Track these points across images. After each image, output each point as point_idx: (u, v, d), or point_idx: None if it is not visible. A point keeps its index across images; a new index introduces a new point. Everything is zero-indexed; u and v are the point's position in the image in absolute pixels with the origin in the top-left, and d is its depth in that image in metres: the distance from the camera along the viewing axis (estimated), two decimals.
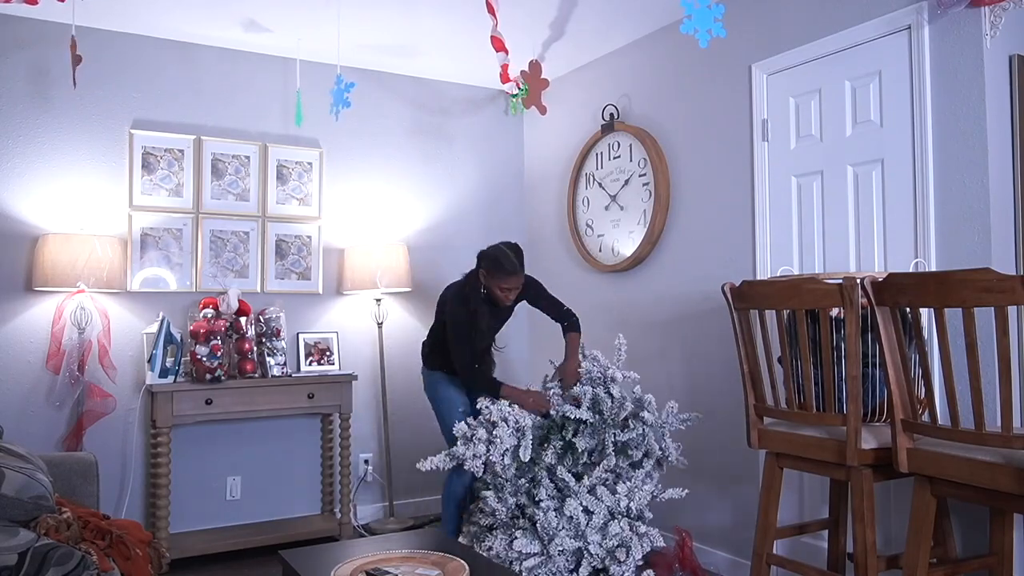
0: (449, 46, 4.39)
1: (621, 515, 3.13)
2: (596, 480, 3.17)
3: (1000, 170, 2.75)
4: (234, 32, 4.13)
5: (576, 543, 3.05)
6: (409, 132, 4.87)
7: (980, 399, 2.10)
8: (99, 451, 3.57)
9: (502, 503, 3.20)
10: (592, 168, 4.56)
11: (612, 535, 3.06)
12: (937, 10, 2.84)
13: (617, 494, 3.16)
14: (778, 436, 2.74)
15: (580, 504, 3.09)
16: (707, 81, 3.83)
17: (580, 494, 3.12)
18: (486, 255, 3.56)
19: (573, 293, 4.74)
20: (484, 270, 3.55)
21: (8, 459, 2.45)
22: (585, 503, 3.10)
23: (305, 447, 4.47)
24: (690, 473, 3.83)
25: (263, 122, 4.44)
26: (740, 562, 3.55)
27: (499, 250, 3.55)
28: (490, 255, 3.54)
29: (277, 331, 4.19)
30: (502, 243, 3.61)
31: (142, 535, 2.66)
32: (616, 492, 3.17)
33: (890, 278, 2.28)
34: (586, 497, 3.11)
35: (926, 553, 2.31)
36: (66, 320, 3.82)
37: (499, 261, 3.50)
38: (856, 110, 3.17)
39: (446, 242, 4.95)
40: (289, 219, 4.47)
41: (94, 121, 4.03)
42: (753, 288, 2.73)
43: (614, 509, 3.13)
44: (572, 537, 3.05)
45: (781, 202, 3.47)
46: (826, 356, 2.50)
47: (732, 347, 3.31)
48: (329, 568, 2.45)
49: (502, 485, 3.23)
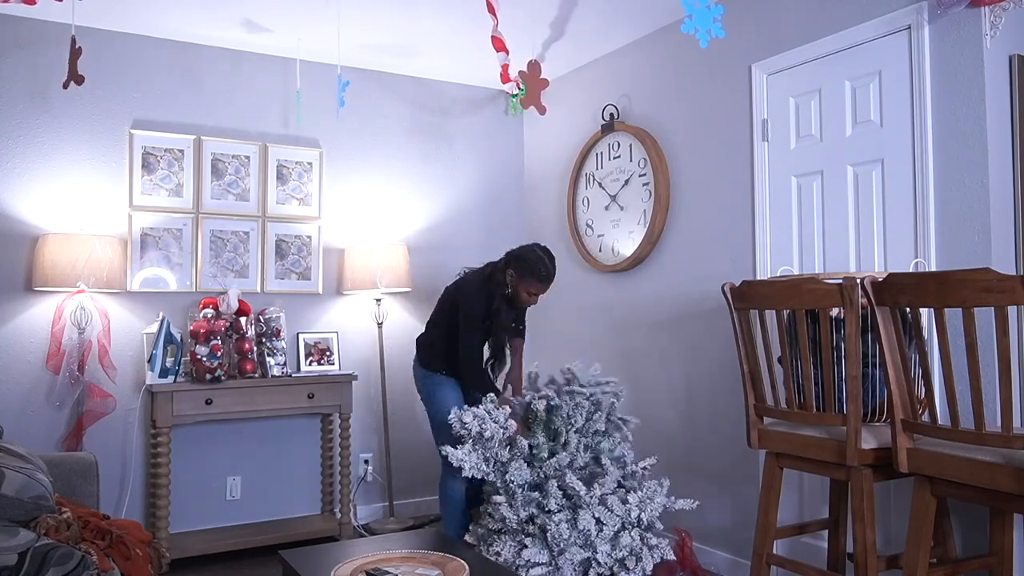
0: (449, 46, 4.39)
1: (632, 526, 3.10)
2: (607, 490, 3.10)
3: (1000, 170, 2.75)
4: (234, 32, 4.13)
5: (585, 553, 3.02)
6: (409, 132, 4.87)
7: (980, 399, 2.10)
8: (99, 451, 3.57)
9: (513, 511, 3.11)
10: (592, 168, 4.56)
11: (623, 546, 3.03)
12: (937, 10, 2.84)
13: (628, 504, 3.10)
14: (778, 436, 2.74)
15: (592, 516, 3.04)
16: (707, 81, 3.83)
17: (592, 505, 3.05)
18: (519, 257, 3.46)
19: (573, 293, 4.75)
20: (514, 271, 3.45)
21: (8, 459, 2.45)
22: (597, 514, 3.05)
23: (305, 447, 4.47)
24: (690, 473, 3.83)
25: (263, 122, 4.44)
26: (740, 562, 3.55)
27: (534, 253, 3.45)
28: (524, 257, 3.45)
29: (277, 331, 4.19)
30: (536, 245, 3.52)
31: (142, 535, 2.66)
32: (627, 502, 3.11)
33: (890, 278, 2.28)
34: (597, 508, 3.06)
35: (926, 553, 2.31)
36: (66, 320, 3.82)
37: (535, 266, 3.42)
38: (856, 110, 3.17)
39: (446, 242, 4.95)
40: (289, 219, 4.47)
41: (94, 121, 4.03)
42: (753, 288, 2.73)
43: (625, 520, 3.09)
44: (582, 547, 3.03)
45: (781, 202, 3.47)
46: (826, 356, 2.50)
47: (732, 347, 3.31)
48: (329, 568, 2.45)
49: (514, 492, 3.17)
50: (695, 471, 3.82)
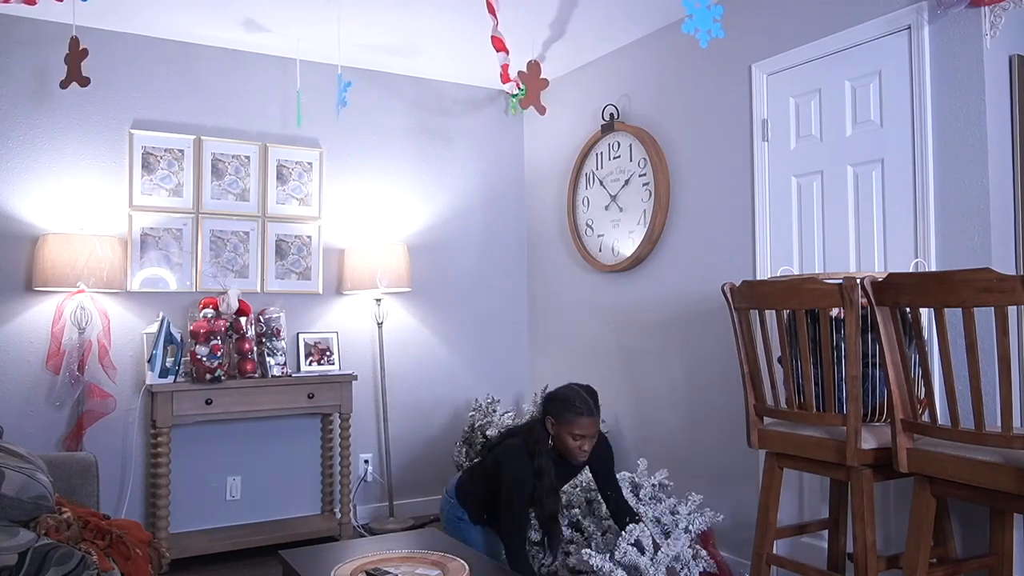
0: (449, 46, 4.39)
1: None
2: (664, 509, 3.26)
3: (1000, 170, 2.75)
4: (234, 32, 4.13)
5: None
6: (409, 132, 4.87)
7: (980, 399, 2.10)
8: (99, 451, 3.57)
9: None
10: (592, 168, 4.56)
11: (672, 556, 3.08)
12: (937, 10, 2.84)
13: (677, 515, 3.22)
14: (778, 436, 2.74)
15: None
16: (707, 81, 3.83)
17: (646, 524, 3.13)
18: (553, 398, 3.07)
19: (573, 293, 4.75)
20: (552, 416, 3.03)
21: (8, 459, 2.45)
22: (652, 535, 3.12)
23: (305, 447, 4.47)
24: (690, 473, 3.83)
25: (263, 122, 4.44)
26: (740, 562, 3.55)
27: (570, 389, 3.07)
28: (558, 396, 3.06)
29: (277, 331, 4.19)
30: (571, 383, 3.13)
31: (142, 535, 2.66)
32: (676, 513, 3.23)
33: (890, 278, 2.28)
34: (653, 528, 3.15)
35: (926, 553, 2.31)
36: (66, 320, 3.82)
37: (570, 401, 3.00)
38: (856, 110, 3.17)
39: (446, 242, 4.95)
40: (289, 219, 4.47)
41: (94, 121, 4.03)
42: (753, 288, 2.73)
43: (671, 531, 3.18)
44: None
45: (781, 202, 3.47)
46: (826, 356, 2.50)
47: (732, 347, 3.30)
48: (329, 568, 2.45)
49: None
50: (695, 471, 3.82)
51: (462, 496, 3.26)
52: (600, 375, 4.35)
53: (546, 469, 2.98)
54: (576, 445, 3.00)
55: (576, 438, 2.99)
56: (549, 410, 3.06)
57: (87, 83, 3.30)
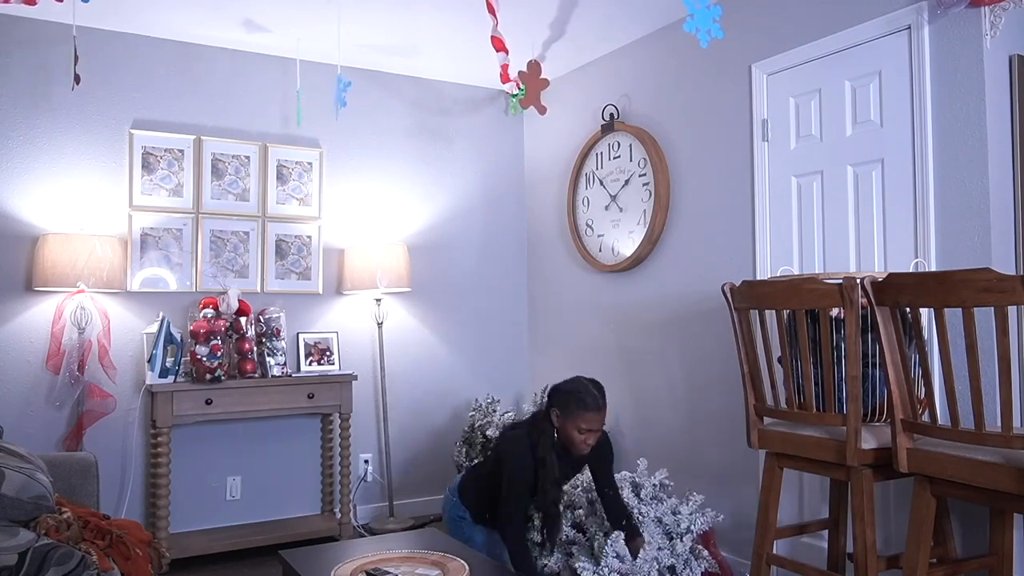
0: (449, 46, 4.39)
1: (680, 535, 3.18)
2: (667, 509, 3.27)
3: (1000, 170, 2.75)
4: (234, 32, 4.13)
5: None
6: (409, 132, 4.87)
7: (980, 399, 2.10)
8: (99, 451, 3.57)
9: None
10: (592, 168, 4.56)
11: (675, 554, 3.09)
12: (937, 10, 2.84)
13: (679, 515, 3.23)
14: (778, 436, 2.74)
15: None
16: (707, 81, 3.83)
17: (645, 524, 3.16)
18: (560, 390, 3.07)
19: (573, 293, 4.75)
20: (558, 408, 3.02)
21: (8, 459, 2.45)
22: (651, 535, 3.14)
23: (305, 447, 4.47)
24: (690, 473, 3.83)
25: (263, 122, 4.44)
26: (740, 562, 3.55)
27: (577, 382, 3.07)
28: (565, 389, 3.06)
29: (277, 331, 4.19)
30: (578, 376, 3.13)
31: (142, 535, 2.66)
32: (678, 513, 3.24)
33: (890, 278, 2.28)
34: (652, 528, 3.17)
35: (926, 553, 2.31)
36: (66, 320, 3.82)
37: (579, 395, 3.00)
38: (856, 110, 3.17)
39: (446, 242, 4.95)
40: (289, 219, 4.47)
41: (94, 121, 4.03)
42: (753, 288, 2.73)
43: (673, 531, 3.19)
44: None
45: (781, 202, 3.47)
46: (826, 356, 2.50)
47: (732, 347, 3.30)
48: (329, 568, 2.45)
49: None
50: (695, 471, 3.82)
51: (464, 495, 3.26)
52: (600, 375, 4.30)
53: (549, 461, 2.97)
54: (581, 439, 3.00)
55: (582, 431, 2.99)
56: (555, 403, 3.05)
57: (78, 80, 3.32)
